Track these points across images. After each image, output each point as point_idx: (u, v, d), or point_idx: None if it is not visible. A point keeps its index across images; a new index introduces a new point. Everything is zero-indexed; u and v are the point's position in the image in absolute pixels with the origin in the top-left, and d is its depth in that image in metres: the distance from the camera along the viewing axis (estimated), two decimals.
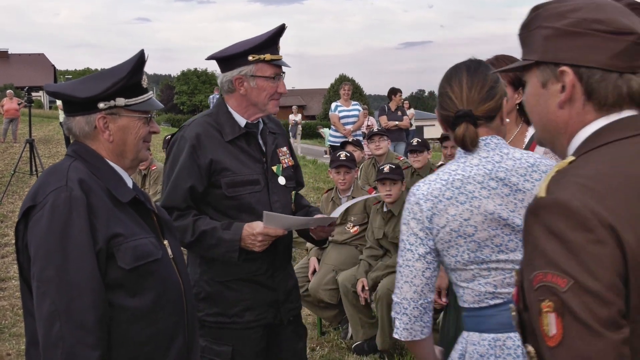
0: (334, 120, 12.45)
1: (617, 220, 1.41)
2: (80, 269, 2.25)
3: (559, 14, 1.64)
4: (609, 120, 1.60)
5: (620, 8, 1.65)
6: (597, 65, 1.58)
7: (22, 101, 21.04)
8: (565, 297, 1.41)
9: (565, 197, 1.45)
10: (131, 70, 2.46)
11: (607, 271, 1.39)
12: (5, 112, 23.76)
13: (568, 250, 1.42)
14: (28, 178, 14.61)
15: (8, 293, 7.53)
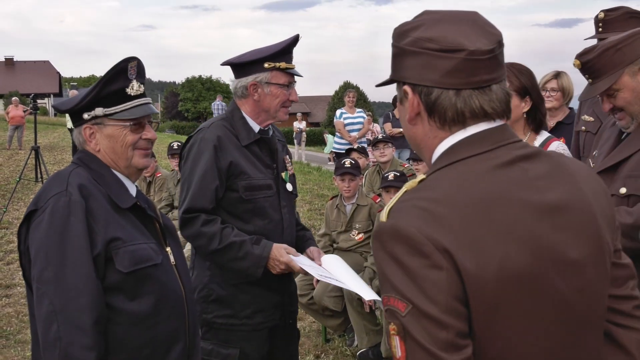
0: (339, 127, 12.46)
1: (454, 244, 1.43)
2: (77, 271, 2.30)
3: (402, 33, 1.64)
4: (456, 137, 1.61)
5: (465, 21, 1.62)
6: (431, 84, 1.58)
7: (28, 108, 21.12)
8: (404, 322, 1.44)
9: (402, 223, 1.47)
10: (104, 80, 2.50)
11: (443, 295, 1.41)
12: (10, 120, 23.81)
13: (407, 276, 1.44)
14: (33, 185, 14.62)
15: (13, 300, 7.53)
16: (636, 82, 2.95)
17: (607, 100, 3.05)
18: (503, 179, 1.54)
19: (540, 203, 1.53)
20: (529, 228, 1.50)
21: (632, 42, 2.96)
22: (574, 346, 1.56)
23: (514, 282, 1.46)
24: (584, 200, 1.60)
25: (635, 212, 2.80)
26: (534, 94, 3.40)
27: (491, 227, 1.47)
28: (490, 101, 1.60)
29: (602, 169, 3.08)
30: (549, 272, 1.50)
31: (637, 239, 2.78)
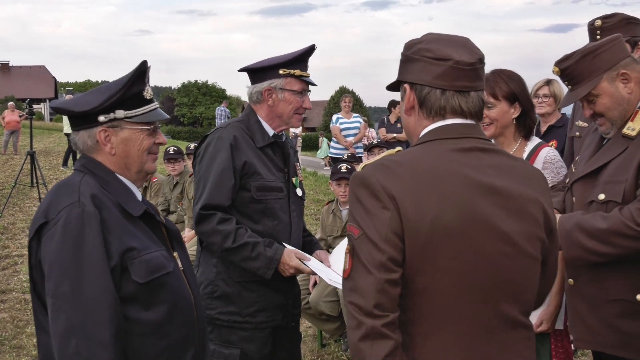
0: (335, 132, 12.46)
1: (401, 194, 1.92)
2: (95, 284, 2.23)
3: (409, 45, 2.14)
4: (435, 125, 2.08)
5: (456, 41, 2.10)
6: (424, 83, 2.07)
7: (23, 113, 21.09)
8: (355, 243, 1.96)
9: (367, 173, 1.99)
10: (128, 82, 2.46)
11: (385, 229, 1.91)
12: (6, 125, 23.79)
13: (364, 211, 1.96)
14: (29, 190, 14.61)
15: (8, 305, 7.51)
16: (615, 88, 2.97)
17: (587, 106, 3.06)
18: (457, 159, 2.01)
19: (485, 183, 1.98)
20: (467, 197, 1.95)
21: (609, 48, 2.98)
22: (492, 296, 1.98)
23: (444, 233, 1.91)
24: (519, 191, 2.03)
25: (610, 217, 2.82)
26: (523, 100, 3.43)
27: (435, 188, 1.93)
28: (467, 103, 2.07)
29: (582, 175, 3.09)
30: (478, 234, 1.94)
31: (613, 244, 2.80)
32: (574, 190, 3.15)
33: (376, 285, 1.89)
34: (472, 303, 1.96)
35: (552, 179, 3.43)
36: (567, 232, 2.92)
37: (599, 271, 2.96)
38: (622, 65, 2.96)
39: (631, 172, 2.86)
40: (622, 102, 2.97)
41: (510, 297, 2.02)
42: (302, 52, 3.57)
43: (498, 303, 1.99)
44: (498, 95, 3.39)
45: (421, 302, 1.95)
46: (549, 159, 3.47)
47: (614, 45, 2.98)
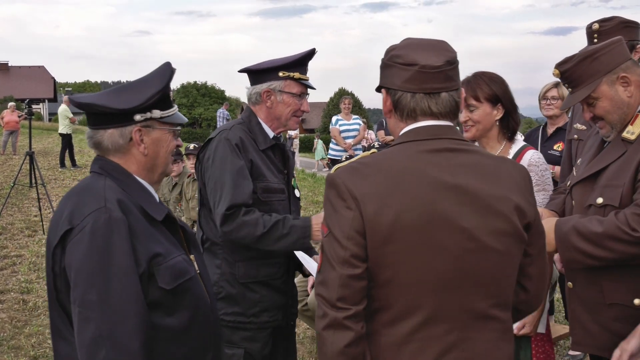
0: (335, 134, 12.46)
1: (363, 194, 2.05)
2: (124, 292, 2.18)
3: (386, 52, 2.24)
4: (412, 126, 2.18)
5: (426, 46, 2.19)
6: (396, 88, 2.18)
7: (22, 113, 21.08)
8: (324, 241, 2.13)
9: (335, 175, 2.12)
10: (168, 82, 2.45)
11: (347, 227, 2.06)
12: (5, 125, 23.76)
13: (332, 210, 2.11)
14: (27, 190, 14.61)
15: (7, 305, 7.51)
16: (614, 91, 2.96)
17: (587, 109, 3.06)
18: (423, 160, 2.11)
19: (448, 183, 2.08)
20: (429, 196, 2.06)
21: (609, 51, 2.97)
22: (456, 289, 2.09)
23: (403, 231, 2.03)
24: (490, 190, 2.12)
25: (606, 221, 2.82)
26: (506, 101, 3.44)
27: (397, 188, 2.05)
28: (437, 104, 2.16)
29: (582, 179, 3.09)
30: (438, 231, 2.05)
31: (608, 248, 2.80)
32: (574, 194, 3.15)
33: (339, 280, 2.05)
34: (434, 295, 2.07)
35: (537, 181, 3.45)
36: (563, 235, 2.92)
37: (597, 275, 2.96)
38: (622, 68, 2.96)
39: (628, 177, 2.86)
40: (621, 106, 2.97)
41: (477, 290, 2.11)
42: (303, 55, 3.61)
43: (463, 296, 2.10)
44: (480, 97, 3.42)
45: (385, 293, 2.09)
46: (534, 162, 3.48)
47: (614, 49, 2.98)
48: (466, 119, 3.47)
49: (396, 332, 2.10)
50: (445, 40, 2.24)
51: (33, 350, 6.19)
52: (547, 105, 6.00)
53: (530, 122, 78.22)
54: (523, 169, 2.28)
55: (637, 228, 2.73)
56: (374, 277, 2.08)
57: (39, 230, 11.34)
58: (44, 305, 7.43)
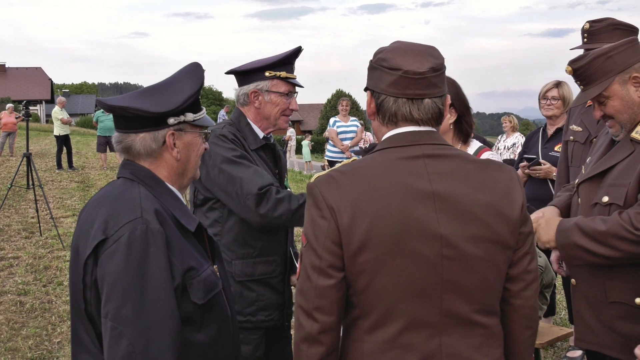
0: (332, 136, 12.46)
1: (339, 204, 2.05)
2: (159, 308, 2.10)
3: (374, 54, 2.23)
4: (393, 132, 2.18)
5: (413, 51, 2.16)
6: (380, 91, 2.17)
7: (20, 115, 21.05)
8: (303, 250, 2.13)
9: (313, 184, 2.13)
10: (202, 84, 2.40)
11: (324, 237, 2.06)
12: (3, 126, 23.72)
13: (309, 220, 2.12)
14: (24, 192, 14.59)
15: (4, 307, 7.49)
16: (626, 91, 2.98)
17: (598, 108, 3.07)
18: (399, 168, 2.09)
19: (425, 190, 2.06)
20: (404, 205, 2.04)
21: (623, 50, 2.98)
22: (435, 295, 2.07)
23: (379, 239, 2.02)
24: (470, 196, 2.09)
25: (610, 220, 2.82)
26: (458, 104, 3.41)
27: (372, 198, 2.04)
28: (419, 110, 2.14)
29: (589, 177, 3.10)
30: (414, 239, 2.03)
31: (611, 246, 2.80)
32: (580, 192, 3.16)
33: (315, 290, 2.08)
34: (412, 301, 2.07)
35: None
36: (565, 232, 2.94)
37: (600, 273, 2.97)
38: (635, 68, 2.97)
39: (635, 176, 2.87)
40: (632, 106, 2.98)
41: (458, 296, 2.09)
42: (288, 54, 3.59)
43: (442, 301, 2.08)
44: None
45: (364, 301, 2.10)
46: None
47: (627, 48, 2.99)
48: None
49: (377, 339, 2.10)
50: (434, 46, 2.23)
51: (30, 352, 6.17)
52: (547, 105, 5.97)
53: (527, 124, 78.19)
54: (510, 170, 2.24)
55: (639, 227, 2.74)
56: (352, 285, 2.09)
57: (36, 231, 11.31)
58: (41, 307, 7.42)
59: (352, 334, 2.15)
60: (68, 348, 6.21)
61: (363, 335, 2.12)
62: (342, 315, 2.14)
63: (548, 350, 5.92)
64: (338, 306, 2.09)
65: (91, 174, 19.65)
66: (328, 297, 2.07)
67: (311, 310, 2.08)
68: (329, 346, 2.11)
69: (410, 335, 2.08)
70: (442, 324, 2.09)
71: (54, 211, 12.64)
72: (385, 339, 2.09)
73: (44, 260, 9.46)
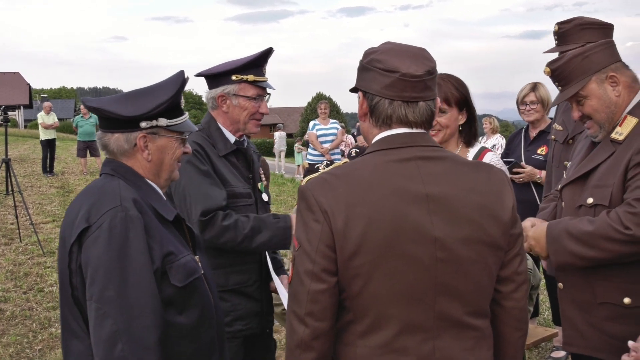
0: (312, 139, 12.46)
1: (333, 208, 2.03)
2: (140, 289, 2.25)
3: (366, 54, 2.20)
4: (381, 135, 2.16)
5: (408, 53, 2.15)
6: (374, 93, 2.15)
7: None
8: (295, 254, 2.11)
9: (306, 187, 2.10)
10: (177, 91, 2.49)
11: (316, 241, 2.04)
12: None
13: (302, 224, 2.10)
14: (3, 198, 14.42)
15: None
16: (603, 90, 3.00)
17: (576, 108, 3.10)
18: (392, 170, 2.08)
19: (419, 192, 2.05)
20: (398, 208, 2.02)
21: (600, 50, 3.01)
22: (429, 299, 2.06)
23: (373, 243, 2.01)
24: (463, 198, 2.09)
25: (597, 221, 2.83)
26: (468, 107, 3.43)
27: (366, 201, 2.02)
28: (414, 113, 2.13)
29: (571, 180, 3.11)
30: (408, 242, 2.02)
31: (601, 249, 2.81)
32: (564, 195, 3.17)
33: (307, 295, 2.06)
34: (406, 305, 2.06)
35: None
36: (555, 238, 2.94)
37: (587, 275, 2.97)
38: (612, 68, 3.00)
39: (618, 176, 2.88)
40: (609, 105, 3.00)
41: (451, 299, 2.09)
42: (255, 56, 3.50)
43: (435, 305, 2.08)
44: (451, 101, 3.37)
45: (358, 305, 2.08)
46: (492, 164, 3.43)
47: (604, 49, 3.02)
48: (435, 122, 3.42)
49: (370, 343, 2.09)
50: (425, 48, 2.22)
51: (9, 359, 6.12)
52: (527, 110, 5.91)
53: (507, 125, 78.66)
54: (500, 172, 2.25)
55: (629, 226, 2.74)
56: (345, 289, 2.08)
57: (15, 238, 11.21)
58: (21, 315, 7.35)
59: (345, 339, 2.13)
60: (49, 355, 6.16)
61: (356, 339, 2.11)
62: (335, 321, 2.12)
63: (532, 351, 5.94)
64: (331, 312, 2.08)
65: (71, 179, 19.51)
66: (321, 302, 2.06)
67: (303, 315, 2.07)
68: (322, 352, 2.10)
69: (404, 339, 2.08)
70: (435, 327, 2.09)
71: (33, 217, 12.52)
72: (379, 343, 2.08)
73: (24, 267, 9.38)
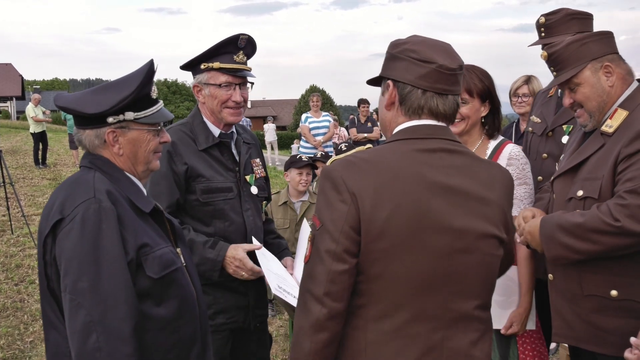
0: (304, 132, 12.42)
1: (361, 190, 2.07)
2: (113, 280, 2.24)
3: (395, 45, 2.25)
4: (411, 123, 2.22)
5: (440, 46, 2.22)
6: (408, 82, 2.19)
7: None
8: (316, 233, 2.14)
9: (332, 168, 2.14)
10: (140, 84, 2.46)
11: (342, 221, 2.07)
12: None
13: (325, 203, 2.12)
14: None
15: None
16: (596, 79, 3.02)
17: (569, 95, 3.12)
18: (419, 159, 2.14)
19: (442, 183, 2.13)
20: (423, 196, 2.09)
21: (598, 39, 3.03)
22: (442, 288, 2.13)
23: (397, 228, 2.06)
24: (479, 192, 2.18)
25: (588, 213, 2.84)
26: (492, 98, 3.43)
27: (393, 186, 2.08)
28: (444, 105, 2.20)
29: (562, 172, 3.13)
30: (430, 230, 2.09)
31: (592, 241, 2.82)
32: (555, 187, 3.19)
33: (327, 275, 2.09)
34: (421, 293, 2.12)
35: (518, 174, 3.42)
36: (548, 233, 2.95)
37: (576, 267, 2.99)
38: (608, 58, 3.02)
39: (607, 169, 2.89)
40: (601, 94, 3.02)
41: (462, 290, 2.17)
42: (220, 42, 3.41)
43: (448, 295, 2.15)
44: (473, 92, 3.37)
45: (374, 289, 2.13)
46: (514, 155, 3.44)
47: (602, 39, 3.04)
48: None
49: (382, 328, 2.14)
50: (449, 43, 2.29)
51: (2, 352, 6.12)
52: (518, 102, 6.00)
53: None
54: (508, 174, 2.34)
55: (619, 218, 2.75)
56: (364, 271, 2.12)
57: (7, 230, 11.20)
58: (13, 306, 7.36)
59: (354, 322, 2.17)
60: (41, 347, 6.17)
61: (367, 323, 2.15)
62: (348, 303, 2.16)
63: None
64: (348, 293, 2.12)
65: (63, 170, 19.47)
66: (340, 283, 2.09)
67: (322, 295, 2.10)
68: (335, 333, 2.14)
69: (416, 327, 2.13)
70: (445, 317, 2.16)
71: (25, 209, 12.50)
72: (390, 329, 2.13)
73: (16, 259, 9.38)
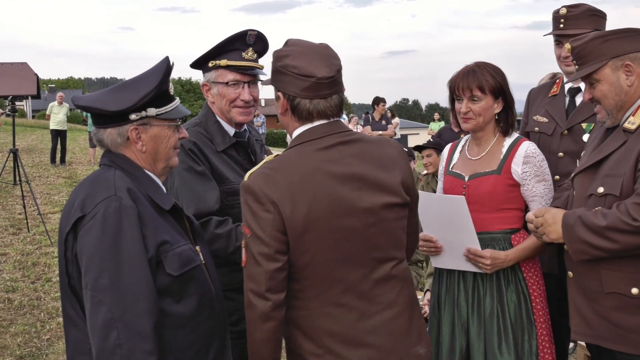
0: None
1: (279, 198, 2.38)
2: (134, 277, 2.27)
3: (278, 58, 2.53)
4: (303, 128, 2.53)
5: (317, 54, 2.51)
6: (293, 94, 2.50)
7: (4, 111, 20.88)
8: (248, 240, 2.43)
9: (251, 182, 2.43)
10: (161, 80, 2.48)
11: (269, 227, 2.38)
12: None
13: (251, 214, 2.41)
14: (11, 188, 14.48)
15: None
16: (616, 77, 2.99)
17: (588, 90, 3.10)
18: (319, 158, 2.46)
19: (344, 173, 2.47)
20: (330, 189, 2.43)
21: (621, 37, 3.00)
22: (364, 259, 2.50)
23: (316, 222, 2.40)
24: (376, 170, 2.52)
25: (610, 215, 2.82)
26: (505, 95, 3.39)
27: (304, 188, 2.40)
28: (330, 106, 2.52)
29: (583, 168, 3.11)
30: (343, 216, 2.43)
31: (611, 239, 2.81)
32: (575, 184, 3.17)
33: (265, 274, 2.39)
34: (347, 268, 2.48)
35: (536, 172, 3.38)
36: (570, 227, 2.94)
37: (596, 264, 2.97)
38: (630, 57, 2.99)
39: (629, 166, 2.87)
40: (619, 92, 3.00)
41: (379, 256, 2.54)
42: (227, 39, 3.31)
43: (369, 263, 2.52)
44: (485, 89, 3.33)
45: (305, 275, 2.47)
46: (530, 153, 3.39)
47: (626, 36, 3.00)
48: (467, 110, 3.38)
49: (317, 307, 2.49)
50: (328, 45, 2.59)
51: (19, 350, 6.14)
52: None
53: None
54: (396, 144, 2.69)
55: (637, 218, 2.73)
56: (295, 263, 2.45)
57: (23, 228, 11.26)
58: (29, 304, 7.39)
59: (296, 304, 2.52)
60: (57, 345, 6.20)
61: (309, 303, 2.49)
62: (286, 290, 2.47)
63: None
64: (284, 283, 2.45)
65: (78, 169, 19.57)
66: (277, 278, 2.41)
67: (263, 292, 2.40)
68: (279, 320, 2.46)
69: (349, 295, 2.49)
70: (371, 281, 2.52)
71: (41, 207, 12.57)
72: (330, 302, 2.48)
73: (32, 257, 9.42)
